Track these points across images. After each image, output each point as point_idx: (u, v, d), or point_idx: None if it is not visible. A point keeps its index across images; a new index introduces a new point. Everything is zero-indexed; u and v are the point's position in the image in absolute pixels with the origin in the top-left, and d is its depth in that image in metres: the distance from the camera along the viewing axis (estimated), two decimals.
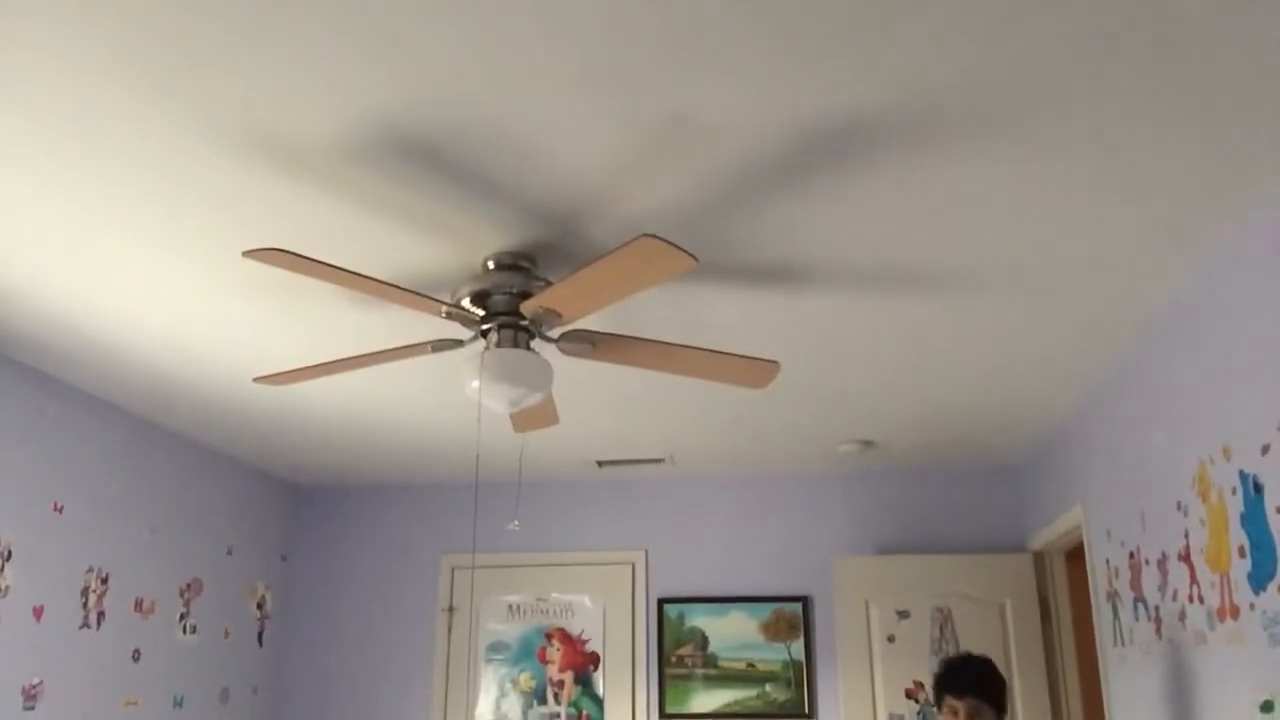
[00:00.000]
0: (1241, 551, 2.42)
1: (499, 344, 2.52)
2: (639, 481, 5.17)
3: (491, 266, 2.51)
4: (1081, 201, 2.25)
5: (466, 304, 2.51)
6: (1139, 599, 3.23)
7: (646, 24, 1.66)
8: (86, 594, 3.70)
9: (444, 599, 5.13)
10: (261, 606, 4.97)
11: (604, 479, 5.15)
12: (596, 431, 4.23)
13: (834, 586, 4.70)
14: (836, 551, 4.90)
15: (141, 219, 2.36)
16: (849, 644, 4.60)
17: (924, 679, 4.49)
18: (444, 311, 2.46)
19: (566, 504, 5.20)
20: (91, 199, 2.26)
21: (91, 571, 3.73)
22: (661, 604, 4.98)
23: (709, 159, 2.07)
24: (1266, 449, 2.27)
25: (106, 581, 3.81)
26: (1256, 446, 2.32)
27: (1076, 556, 4.32)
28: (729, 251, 2.50)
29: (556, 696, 4.96)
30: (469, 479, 5.18)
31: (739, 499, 5.09)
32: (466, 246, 2.48)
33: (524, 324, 2.51)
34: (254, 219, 2.35)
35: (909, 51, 1.72)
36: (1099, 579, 3.73)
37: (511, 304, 2.48)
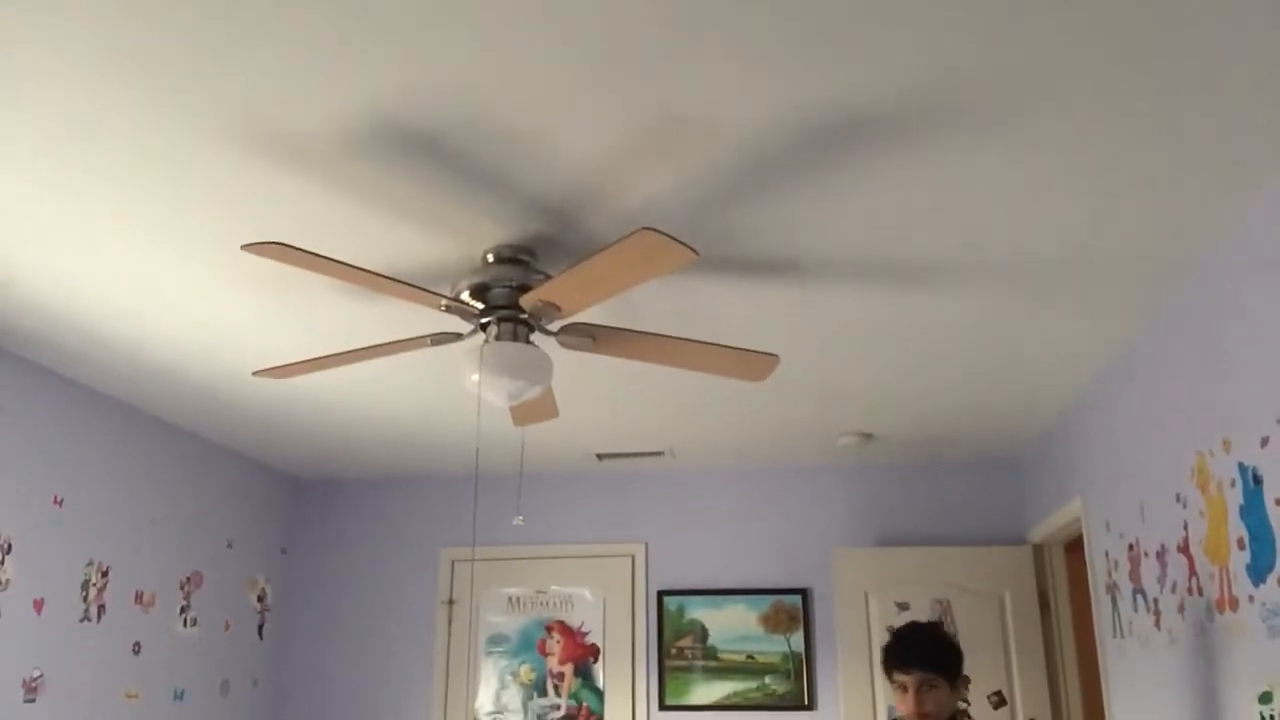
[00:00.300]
0: (1240, 543, 2.42)
1: (498, 337, 2.52)
2: (639, 474, 5.17)
3: (491, 260, 2.50)
4: (1081, 195, 2.25)
5: (466, 297, 2.51)
6: (1138, 591, 3.24)
7: (646, 18, 1.66)
8: (87, 587, 3.71)
9: (444, 591, 5.14)
10: (262, 599, 4.98)
11: (604, 471, 5.15)
12: (596, 424, 4.23)
13: (833, 578, 4.70)
14: (836, 543, 4.90)
15: (141, 213, 2.36)
16: (848, 636, 4.60)
17: None
18: (443, 305, 2.46)
19: (566, 496, 5.20)
20: (91, 194, 2.26)
21: (92, 564, 3.74)
22: (661, 596, 4.99)
23: (708, 152, 2.07)
24: (1266, 441, 2.28)
25: (107, 574, 3.82)
26: (1256, 439, 2.32)
27: (1076, 548, 4.32)
28: (729, 245, 2.50)
29: (557, 689, 4.97)
30: (469, 472, 5.19)
31: (739, 491, 5.10)
32: (466, 240, 2.48)
33: (523, 317, 2.51)
34: (254, 213, 2.34)
35: (909, 45, 1.72)
36: (1098, 571, 3.74)
37: (511, 297, 2.48)
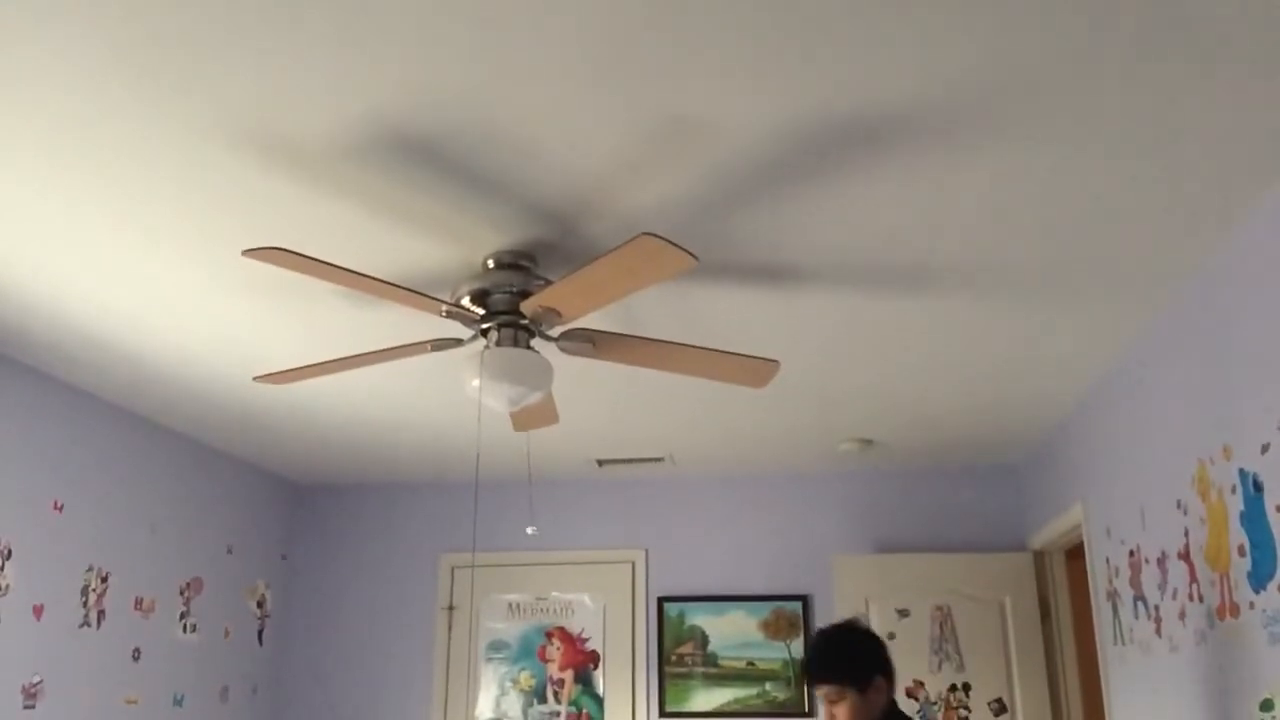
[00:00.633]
0: (1241, 550, 2.42)
1: (499, 343, 2.52)
2: (639, 480, 5.17)
3: (491, 265, 2.51)
4: (1082, 201, 2.25)
5: (466, 303, 2.51)
6: (1139, 597, 3.23)
7: (646, 23, 1.66)
8: (87, 593, 3.70)
9: (444, 598, 5.13)
10: (261, 605, 4.97)
11: (604, 478, 5.15)
12: (596, 430, 4.23)
13: (834, 585, 4.69)
14: (836, 550, 4.89)
15: (142, 218, 2.36)
16: None
17: (924, 678, 4.49)
18: (444, 310, 2.46)
19: (566, 503, 5.20)
20: (92, 199, 2.26)
21: (92, 570, 3.73)
22: (661, 603, 4.98)
23: (709, 157, 2.07)
24: (1266, 448, 2.27)
25: (106, 580, 3.81)
26: (1256, 445, 2.32)
27: (1076, 555, 4.31)
28: (729, 250, 2.50)
29: (556, 695, 4.96)
30: (469, 478, 5.18)
31: (739, 498, 5.09)
32: (466, 245, 2.48)
33: (524, 323, 2.51)
34: (254, 218, 2.35)
35: (908, 49, 1.72)
36: (1099, 577, 3.73)
37: (511, 303, 2.48)
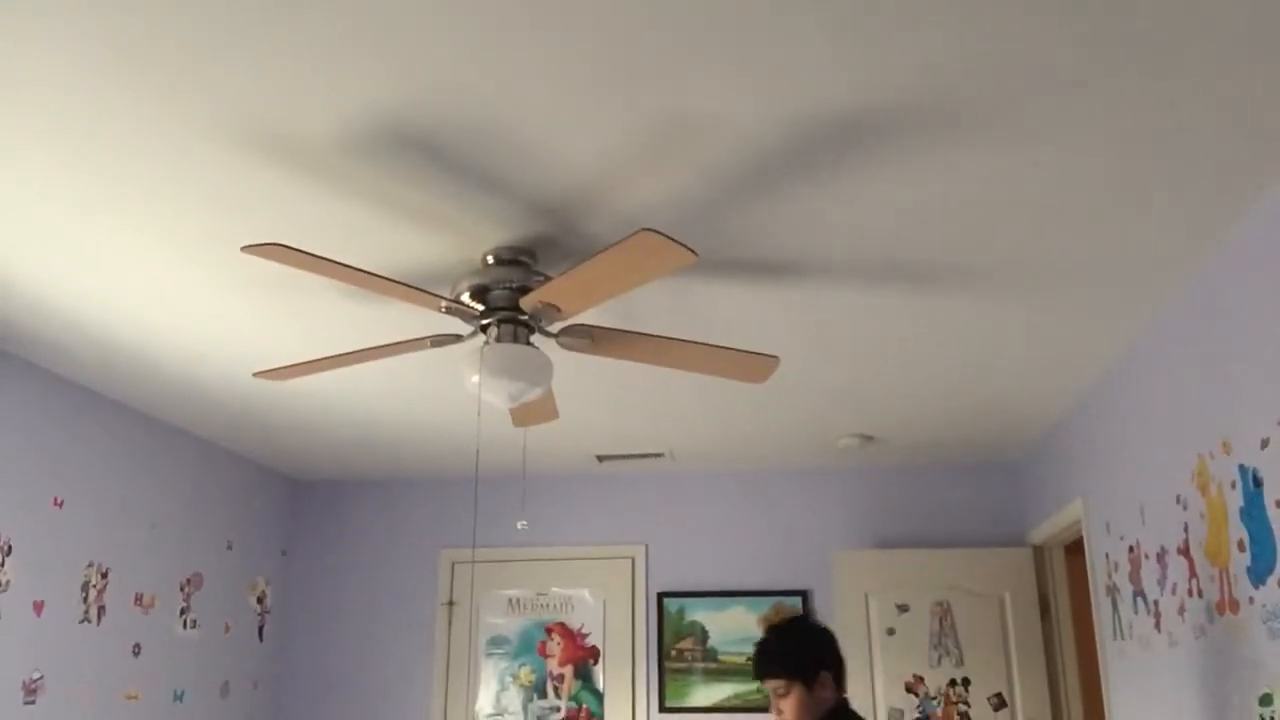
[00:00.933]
0: (1241, 545, 2.42)
1: (499, 339, 2.52)
2: (639, 476, 5.17)
3: (491, 261, 2.50)
4: (1083, 198, 2.25)
5: (466, 299, 2.51)
6: (1138, 593, 3.24)
7: (646, 19, 1.66)
8: (87, 589, 3.71)
9: (444, 593, 5.14)
10: (262, 601, 4.98)
11: (604, 473, 5.15)
12: (596, 426, 4.23)
13: (833, 580, 4.70)
14: (836, 545, 4.90)
15: (141, 215, 2.36)
16: (848, 638, 4.59)
17: (924, 673, 4.50)
18: (443, 306, 2.46)
19: (566, 498, 5.20)
20: (92, 196, 2.26)
21: (92, 566, 3.74)
22: (661, 598, 4.98)
23: (709, 154, 2.07)
24: (1266, 443, 2.28)
25: (107, 576, 3.82)
26: (1256, 440, 2.32)
27: (1076, 550, 4.32)
28: (729, 246, 2.50)
29: (557, 690, 4.96)
30: (469, 473, 5.18)
31: (739, 493, 5.09)
32: (466, 241, 2.48)
33: (523, 319, 2.51)
34: (254, 215, 2.35)
35: (909, 48, 1.72)
36: (1098, 573, 3.73)
37: (511, 299, 2.48)
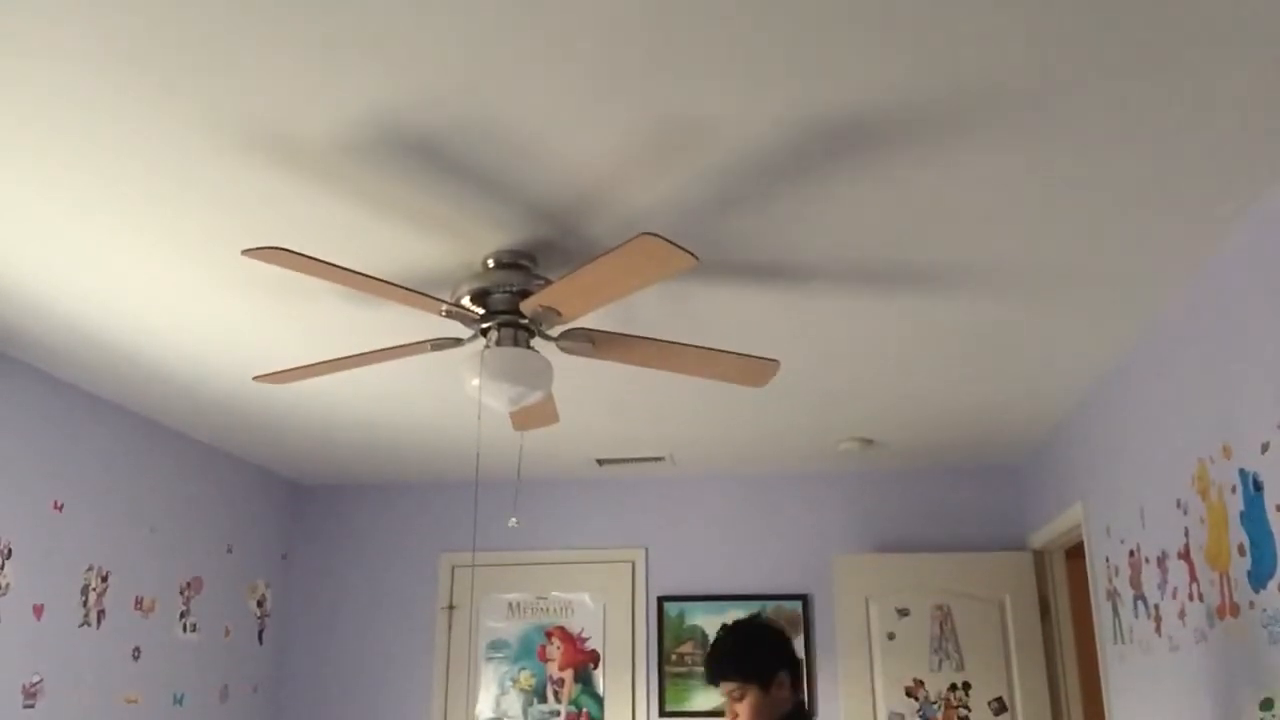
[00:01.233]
0: (1241, 550, 2.42)
1: (499, 342, 2.52)
2: (639, 480, 5.17)
3: (491, 265, 2.51)
4: (1083, 200, 2.25)
5: (466, 302, 2.51)
6: (1139, 597, 3.23)
7: (646, 24, 1.66)
8: (87, 592, 3.70)
9: (444, 597, 5.13)
10: (262, 605, 4.97)
11: (604, 477, 5.15)
12: (596, 430, 4.23)
13: (834, 584, 4.70)
14: (836, 549, 4.89)
15: (142, 218, 2.36)
16: (849, 642, 4.60)
17: (924, 677, 4.50)
18: (444, 310, 2.46)
19: (566, 502, 5.20)
20: (92, 199, 2.26)
21: (92, 570, 3.73)
22: (661, 602, 4.98)
23: (709, 158, 2.07)
24: (1266, 447, 2.27)
25: (107, 580, 3.81)
26: (1256, 445, 2.32)
27: (1076, 554, 4.31)
28: (729, 250, 2.50)
29: (557, 695, 4.96)
30: (469, 477, 5.18)
31: (739, 497, 5.09)
32: (466, 245, 2.48)
33: (524, 322, 2.51)
34: (254, 218, 2.35)
35: (909, 52, 1.72)
36: (1099, 577, 3.73)
37: (511, 302, 2.48)
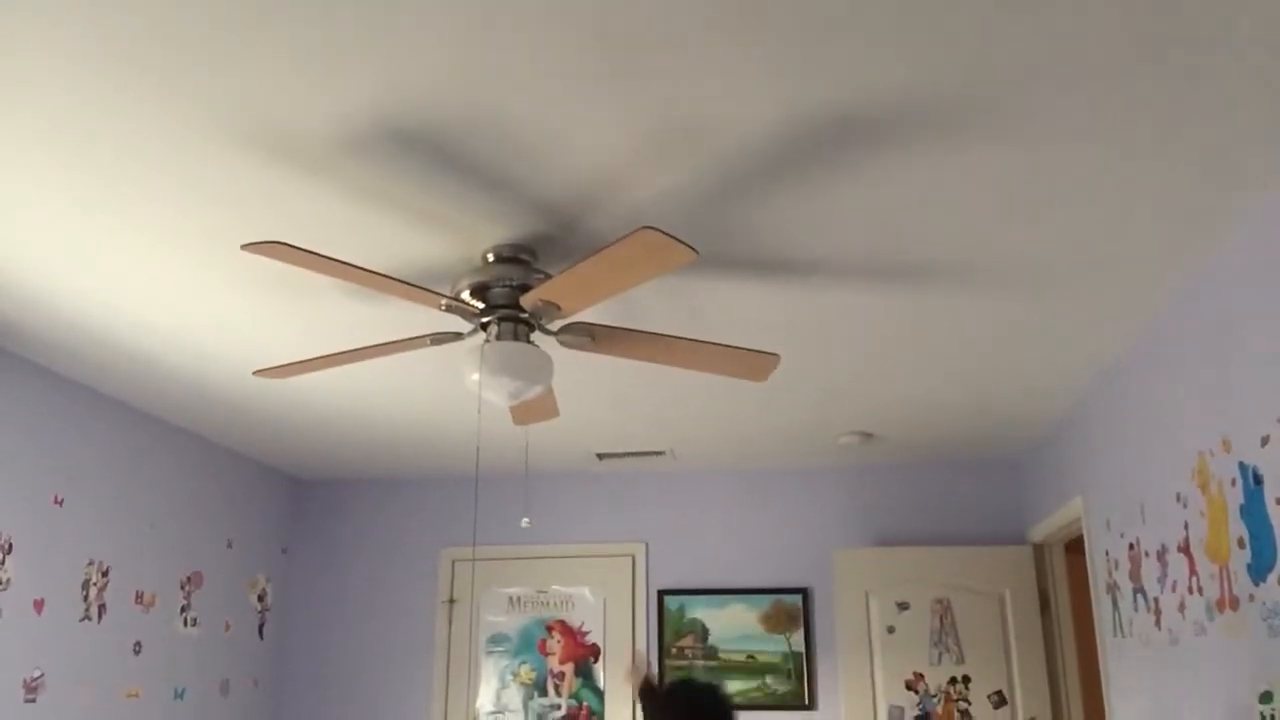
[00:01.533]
0: (1241, 543, 2.42)
1: (499, 337, 2.52)
2: (639, 474, 5.17)
3: (491, 259, 2.50)
4: (1083, 195, 2.25)
5: (466, 297, 2.51)
6: (1139, 590, 3.24)
7: (646, 19, 1.65)
8: (87, 587, 3.71)
9: (444, 591, 5.14)
10: (262, 599, 4.98)
11: (604, 471, 5.15)
12: (596, 424, 4.23)
13: (834, 578, 4.70)
14: (836, 543, 4.90)
15: (142, 214, 2.35)
16: (849, 635, 4.60)
17: (924, 670, 4.51)
18: (444, 304, 2.46)
19: (567, 496, 5.20)
20: (92, 196, 2.26)
21: (92, 564, 3.74)
22: (661, 596, 4.99)
23: (709, 152, 2.07)
24: (1266, 440, 2.28)
25: (107, 574, 3.82)
26: (1256, 438, 2.32)
27: (1076, 548, 4.32)
28: (729, 244, 2.50)
29: (557, 688, 4.97)
30: (469, 472, 5.18)
31: (739, 491, 5.10)
32: (466, 239, 2.47)
33: (524, 317, 2.51)
34: (253, 213, 2.34)
35: (911, 47, 1.72)
36: (1098, 570, 3.74)
37: (511, 297, 2.48)
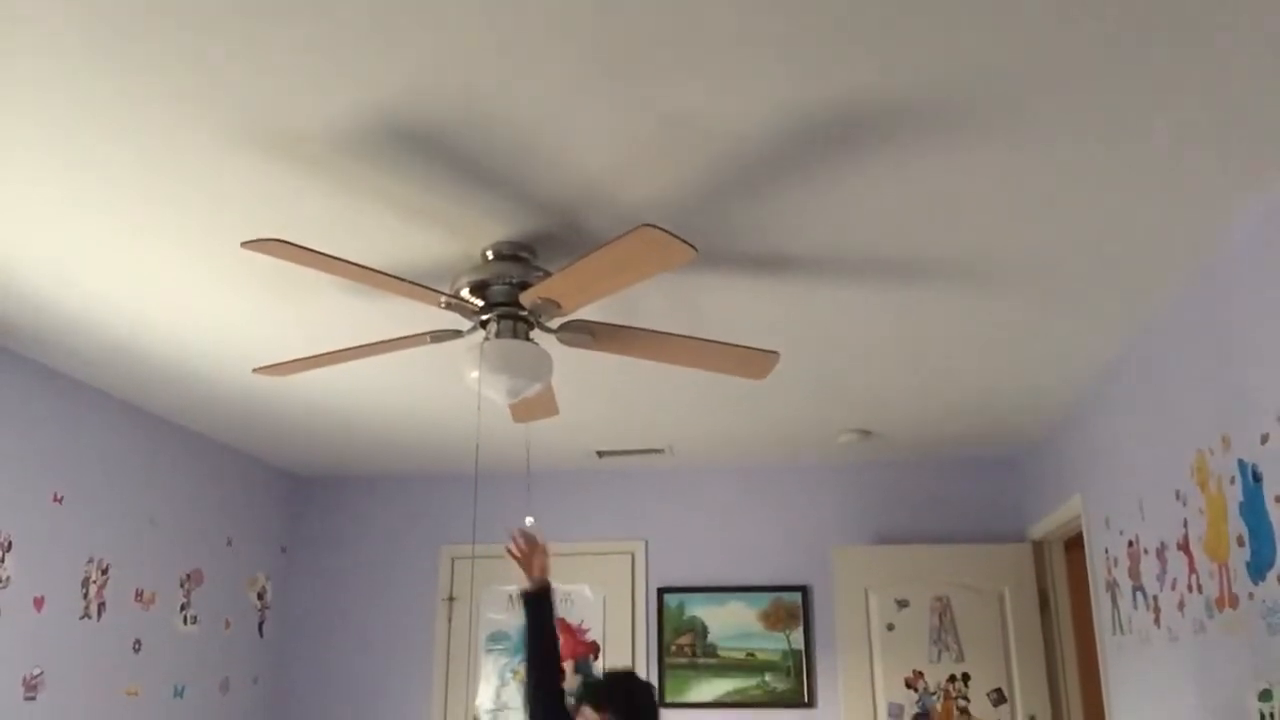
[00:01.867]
0: (1240, 540, 2.42)
1: (498, 334, 2.52)
2: (638, 471, 5.17)
3: (491, 257, 2.50)
4: (1081, 194, 2.25)
5: (466, 294, 2.51)
6: (1138, 588, 3.24)
7: (646, 15, 1.65)
8: (87, 584, 3.71)
9: (444, 589, 5.14)
10: (262, 597, 4.98)
11: (604, 469, 5.15)
12: (596, 422, 4.23)
13: (833, 576, 4.71)
14: (836, 541, 4.90)
15: (142, 211, 2.35)
16: (848, 633, 4.61)
17: (923, 668, 4.51)
18: (443, 302, 2.46)
19: (566, 494, 5.21)
20: (91, 194, 2.26)
21: (92, 562, 3.74)
22: (661, 593, 4.99)
23: (709, 149, 2.07)
24: (1265, 438, 2.28)
25: (107, 572, 3.82)
26: (1256, 436, 2.32)
27: (1076, 546, 4.32)
28: (729, 241, 2.50)
29: None
30: (469, 469, 5.18)
31: (739, 488, 5.10)
32: (466, 237, 2.47)
33: (523, 314, 2.51)
34: (254, 211, 2.34)
35: (910, 46, 1.72)
36: (1098, 568, 3.74)
37: (511, 294, 2.48)
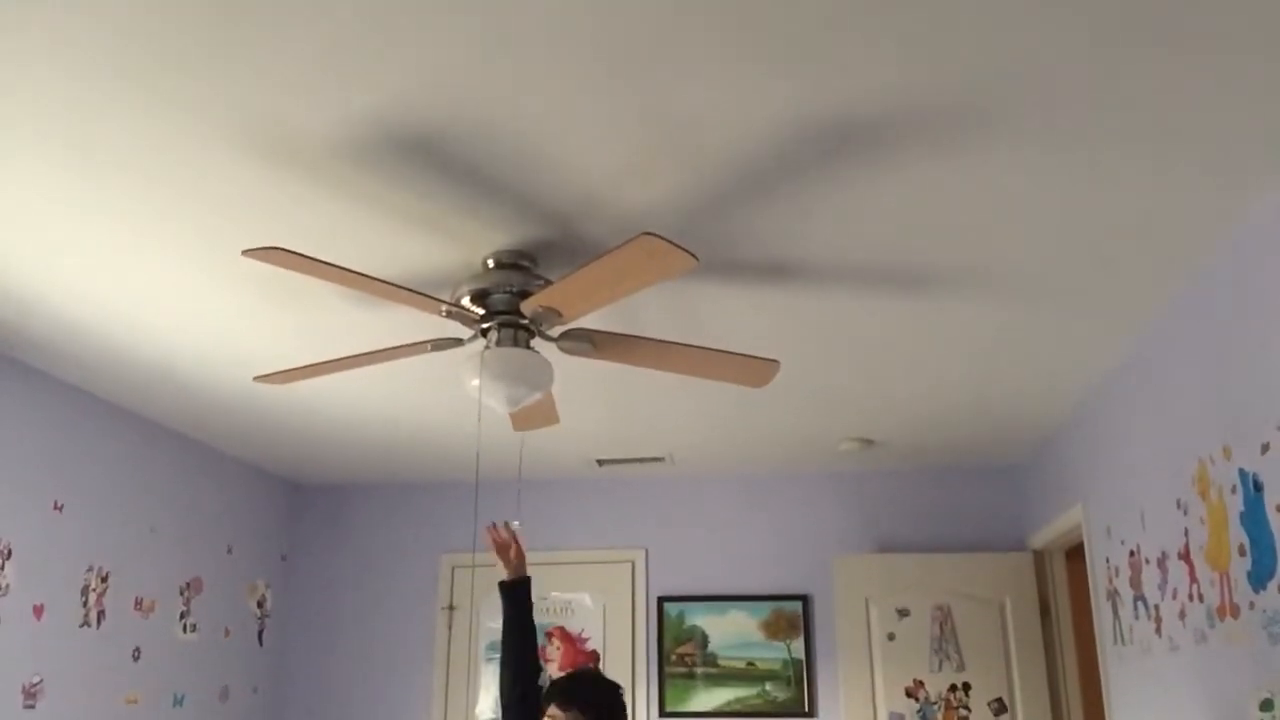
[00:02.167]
0: (1241, 550, 2.42)
1: (499, 343, 2.52)
2: (639, 480, 5.16)
3: (491, 265, 2.51)
4: (1083, 202, 2.25)
5: (466, 303, 2.51)
6: (1139, 597, 3.23)
7: (646, 25, 1.66)
8: (87, 593, 3.70)
9: (444, 597, 5.13)
10: (261, 605, 4.97)
11: (604, 478, 5.15)
12: (596, 430, 4.23)
13: (834, 585, 4.70)
14: (836, 550, 4.89)
15: (143, 219, 2.36)
16: (849, 642, 4.60)
17: (924, 678, 4.50)
18: (444, 310, 2.46)
19: (566, 503, 5.20)
20: (92, 201, 2.26)
21: (92, 570, 3.73)
22: (661, 602, 4.98)
23: (710, 158, 2.07)
24: (1266, 447, 2.27)
25: (106, 580, 3.81)
26: (1256, 445, 2.32)
27: (1076, 555, 4.31)
28: (730, 250, 2.50)
29: None
30: (469, 478, 5.17)
31: (739, 497, 5.09)
32: (466, 245, 2.48)
33: (524, 323, 2.51)
34: (255, 219, 2.35)
35: (911, 51, 1.72)
36: (1099, 577, 3.73)
37: (511, 303, 2.48)
